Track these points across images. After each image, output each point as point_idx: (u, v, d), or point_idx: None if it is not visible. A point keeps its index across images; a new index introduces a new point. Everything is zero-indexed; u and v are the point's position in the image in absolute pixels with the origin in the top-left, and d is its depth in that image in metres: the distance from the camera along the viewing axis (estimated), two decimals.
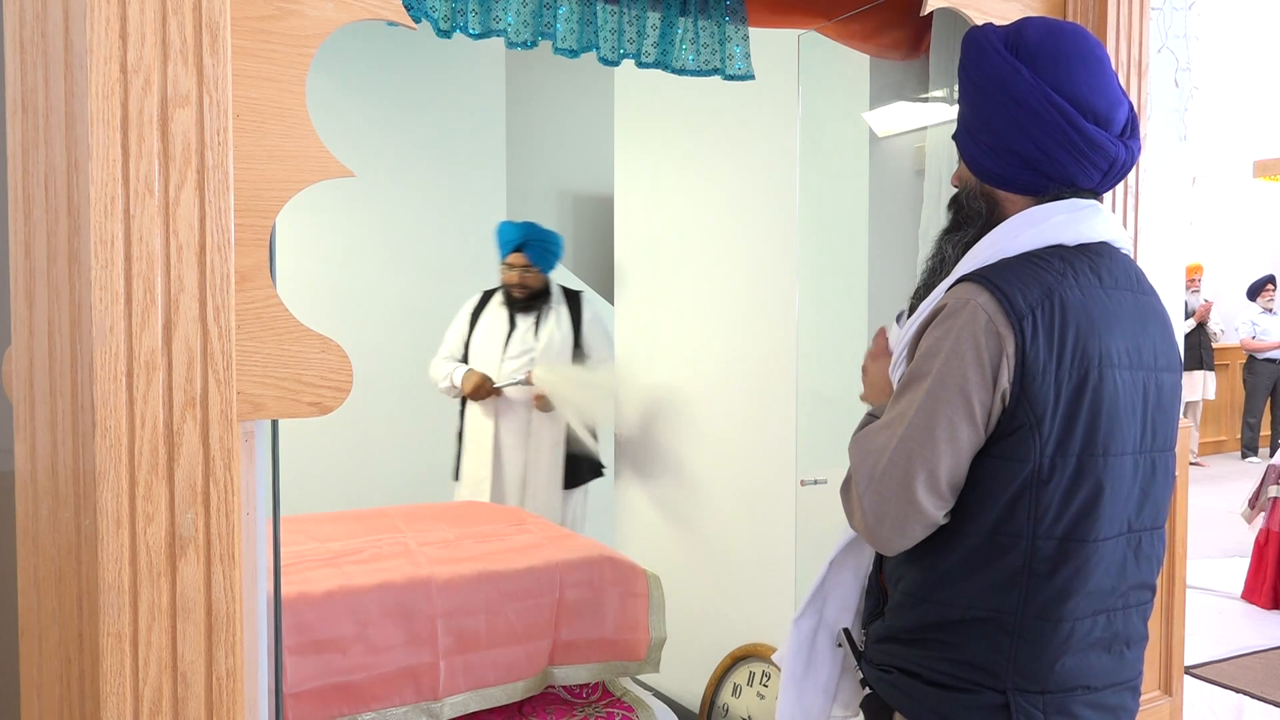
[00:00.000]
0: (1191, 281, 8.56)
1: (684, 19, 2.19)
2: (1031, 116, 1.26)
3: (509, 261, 3.56)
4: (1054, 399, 1.20)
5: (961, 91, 1.37)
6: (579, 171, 5.03)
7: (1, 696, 1.88)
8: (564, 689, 2.53)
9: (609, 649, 2.51)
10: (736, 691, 2.93)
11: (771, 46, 2.65)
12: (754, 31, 2.26)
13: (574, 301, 3.65)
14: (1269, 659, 3.92)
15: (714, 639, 3.07)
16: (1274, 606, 4.54)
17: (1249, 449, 8.77)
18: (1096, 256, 1.29)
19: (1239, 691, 3.56)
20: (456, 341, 3.65)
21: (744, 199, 3.04)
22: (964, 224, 1.38)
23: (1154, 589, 1.35)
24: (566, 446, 3.55)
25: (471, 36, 2.00)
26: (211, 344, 1.23)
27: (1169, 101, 2.48)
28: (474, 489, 3.55)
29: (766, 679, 2.85)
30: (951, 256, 1.38)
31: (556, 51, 2.10)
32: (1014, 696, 1.24)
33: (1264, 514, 4.67)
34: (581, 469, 3.62)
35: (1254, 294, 8.65)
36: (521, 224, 3.57)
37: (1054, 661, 1.25)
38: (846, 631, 1.47)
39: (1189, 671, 3.63)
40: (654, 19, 2.17)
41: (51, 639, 1.32)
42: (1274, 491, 4.65)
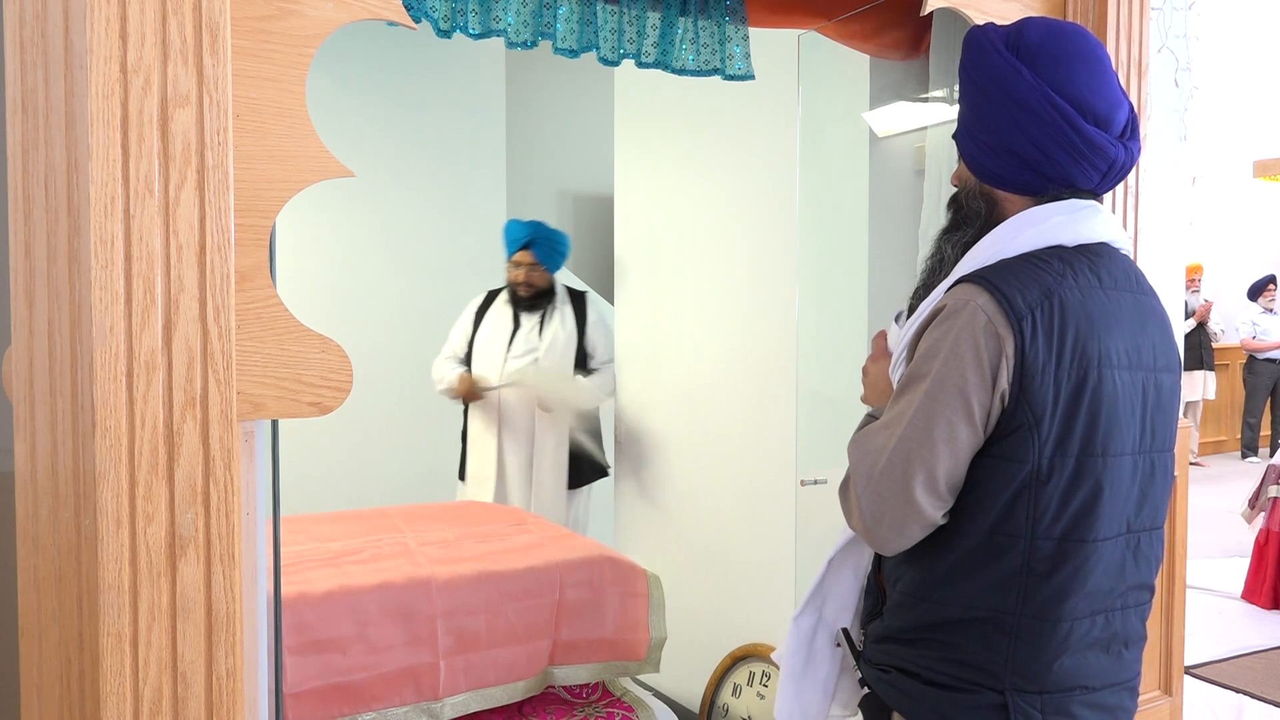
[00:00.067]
0: (1191, 281, 8.56)
1: (684, 19, 2.19)
2: (1031, 117, 1.26)
3: (515, 259, 3.56)
4: (1053, 399, 1.20)
5: (962, 91, 1.37)
6: (579, 171, 5.02)
7: (1, 696, 1.88)
8: (564, 689, 2.54)
9: (609, 649, 2.51)
10: (736, 691, 2.93)
11: (771, 46, 2.65)
12: (754, 31, 2.26)
13: (579, 302, 3.64)
14: (1269, 659, 3.92)
15: (714, 639, 3.07)
16: (1274, 606, 4.54)
17: (1249, 449, 8.77)
18: (1096, 257, 1.29)
19: (1239, 691, 3.56)
20: (460, 341, 3.65)
21: (744, 199, 3.04)
22: (963, 224, 1.38)
23: (1153, 589, 1.36)
24: (570, 447, 3.55)
25: (471, 36, 2.00)
26: (211, 344, 1.23)
27: (1169, 101, 2.48)
28: (478, 489, 3.55)
29: (766, 679, 2.85)
30: (951, 256, 1.38)
31: (556, 51, 2.10)
32: (1012, 696, 1.24)
33: (1264, 514, 4.66)
34: (585, 469, 3.62)
35: (1255, 294, 8.64)
36: (529, 222, 3.56)
37: (1052, 662, 1.25)
38: (845, 631, 1.47)
39: (1189, 671, 3.63)
40: (654, 19, 2.17)
41: (51, 639, 1.32)
42: (1274, 491, 4.65)
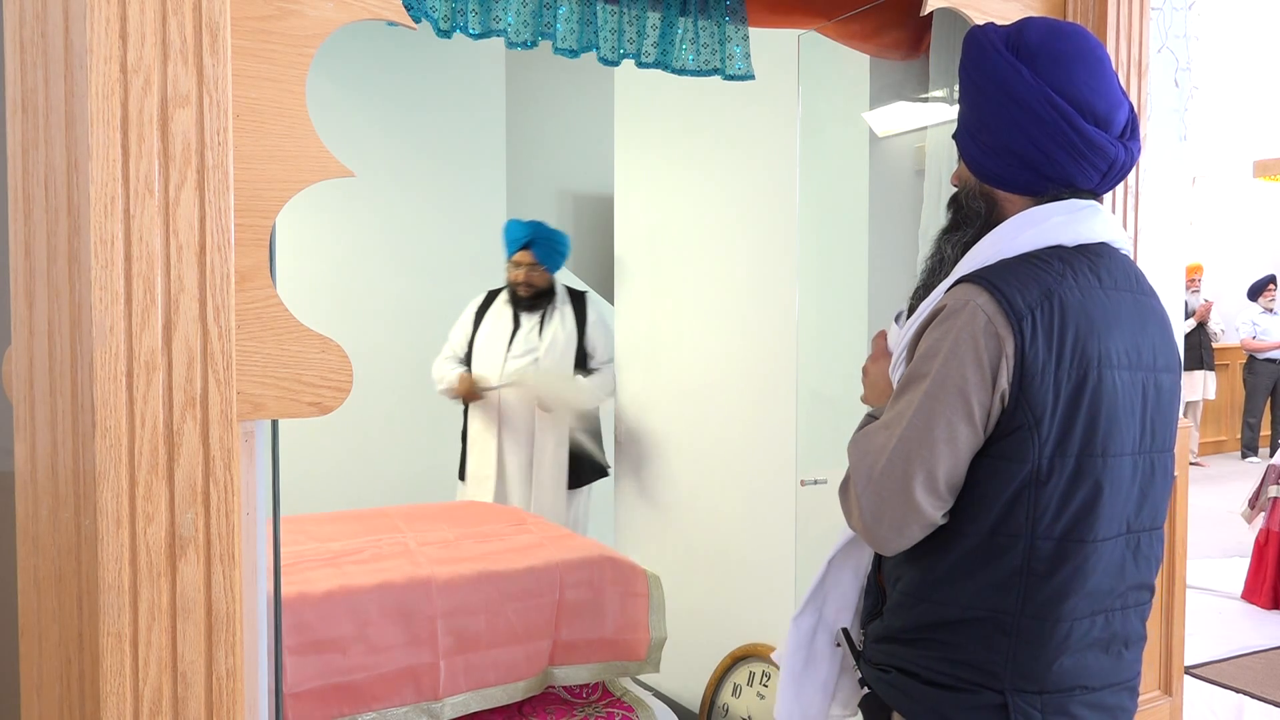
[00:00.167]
0: (1191, 281, 8.56)
1: (684, 19, 2.18)
2: (1031, 117, 1.26)
3: (516, 259, 3.55)
4: (1053, 400, 1.20)
5: (962, 91, 1.37)
6: (579, 171, 5.02)
7: (1, 696, 1.88)
8: (564, 689, 2.54)
9: (609, 649, 2.51)
10: (736, 691, 2.93)
11: (771, 46, 2.65)
12: (754, 31, 2.26)
13: (579, 302, 3.64)
14: (1269, 659, 3.92)
15: (714, 639, 3.07)
16: (1274, 606, 4.54)
17: (1249, 449, 8.77)
18: (1096, 257, 1.29)
19: (1239, 691, 3.56)
20: (460, 341, 3.65)
21: (744, 199, 3.04)
22: (963, 224, 1.38)
23: (1152, 589, 1.36)
24: (570, 447, 3.55)
25: (471, 36, 2.00)
26: (211, 344, 1.23)
27: (1169, 101, 2.48)
28: (479, 489, 3.55)
29: (766, 679, 2.85)
30: (951, 256, 1.38)
31: (556, 51, 2.10)
32: (1012, 696, 1.24)
33: (1264, 514, 4.66)
34: (585, 469, 3.61)
35: (1255, 294, 8.64)
36: (529, 222, 3.56)
37: (1052, 662, 1.25)
38: (845, 631, 1.47)
39: (1189, 671, 3.63)
40: (654, 19, 2.17)
41: (51, 639, 1.32)
42: (1274, 491, 4.65)
